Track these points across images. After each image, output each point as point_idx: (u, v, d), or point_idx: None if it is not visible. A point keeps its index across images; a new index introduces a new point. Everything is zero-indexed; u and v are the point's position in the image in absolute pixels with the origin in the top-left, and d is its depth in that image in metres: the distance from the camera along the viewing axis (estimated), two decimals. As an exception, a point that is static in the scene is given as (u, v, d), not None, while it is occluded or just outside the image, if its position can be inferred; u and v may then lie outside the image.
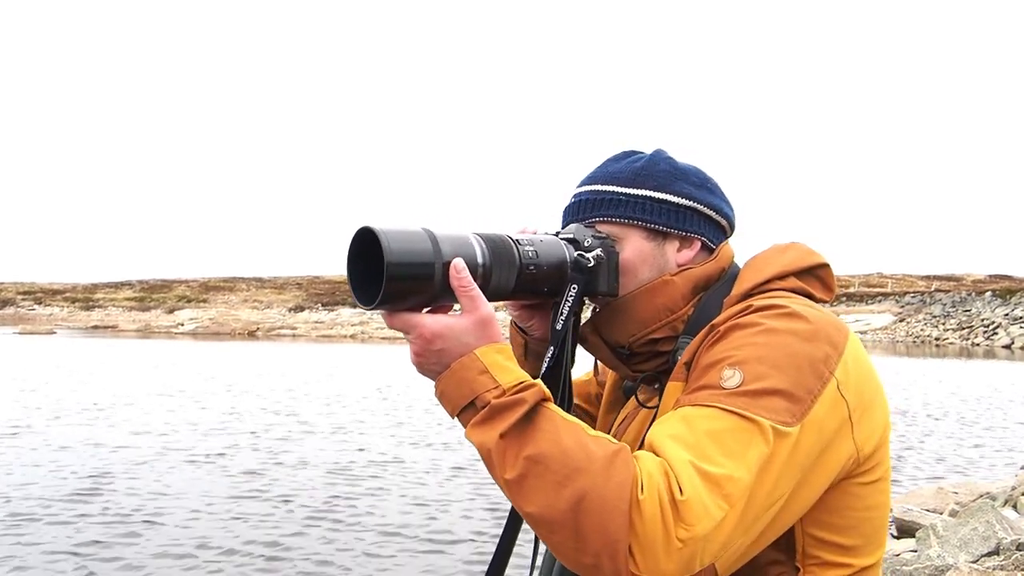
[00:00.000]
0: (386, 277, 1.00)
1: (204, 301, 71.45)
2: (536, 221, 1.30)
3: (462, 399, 1.04)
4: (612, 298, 1.27)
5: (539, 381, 1.05)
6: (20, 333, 44.06)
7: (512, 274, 1.15)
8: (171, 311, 67.89)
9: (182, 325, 56.68)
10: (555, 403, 1.17)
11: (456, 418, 1.06)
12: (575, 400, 1.56)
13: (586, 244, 1.24)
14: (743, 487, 0.96)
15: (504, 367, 1.04)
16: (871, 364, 1.16)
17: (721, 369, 1.06)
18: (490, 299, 1.13)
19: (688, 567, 0.93)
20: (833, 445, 1.05)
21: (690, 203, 1.29)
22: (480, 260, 1.11)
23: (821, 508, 1.09)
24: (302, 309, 65.09)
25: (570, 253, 1.23)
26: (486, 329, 1.06)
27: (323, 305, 65.16)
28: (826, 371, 1.05)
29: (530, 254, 1.18)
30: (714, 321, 1.16)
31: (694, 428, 1.01)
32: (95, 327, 57.59)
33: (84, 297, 76.74)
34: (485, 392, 1.02)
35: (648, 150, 1.36)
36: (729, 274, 1.28)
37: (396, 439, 10.85)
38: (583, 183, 1.35)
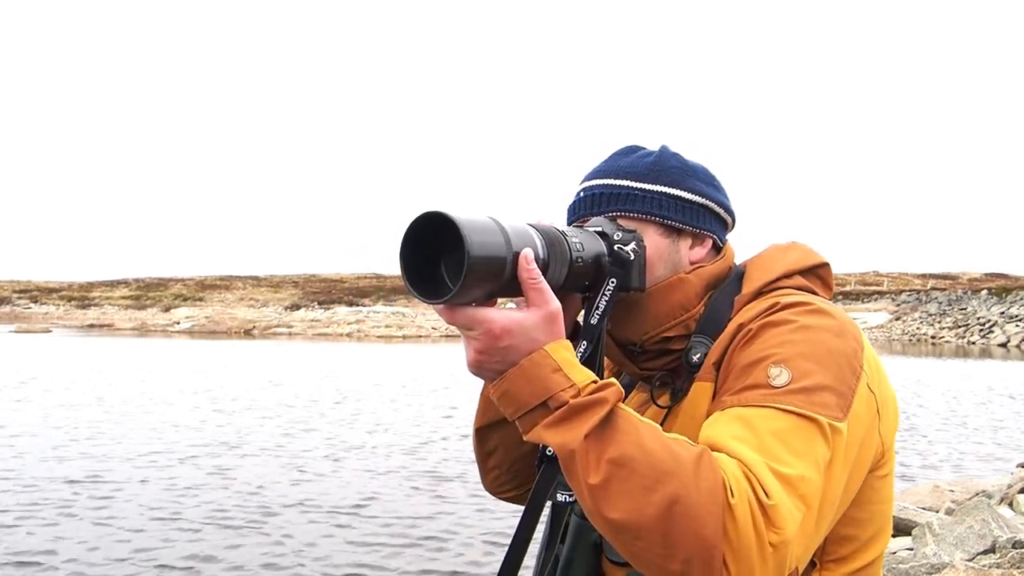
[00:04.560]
0: (467, 270, 0.92)
1: (200, 299, 71.30)
2: (549, 215, 1.24)
3: (534, 398, 0.98)
4: (640, 292, 1.23)
5: (615, 380, 1.01)
6: (16, 332, 43.95)
7: (564, 268, 1.10)
8: (167, 309, 67.76)
9: (178, 324, 56.61)
10: None
11: (518, 420, 1.01)
12: None
13: (617, 237, 1.19)
14: (816, 486, 0.95)
15: (576, 365, 1.00)
16: (880, 362, 1.17)
17: (767, 368, 1.05)
18: None
19: (780, 572, 0.91)
20: (867, 439, 1.07)
21: (702, 200, 1.28)
22: (541, 253, 1.05)
23: (849, 501, 1.10)
24: (298, 307, 65.00)
25: (607, 246, 1.18)
26: (555, 325, 1.01)
27: (319, 304, 65.08)
28: (858, 366, 1.07)
29: (578, 247, 1.13)
30: (741, 320, 1.16)
31: (756, 429, 0.98)
32: (91, 325, 57.51)
33: (80, 295, 76.53)
34: (560, 391, 0.97)
35: (652, 146, 1.34)
36: (735, 273, 1.28)
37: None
38: (592, 176, 1.32)
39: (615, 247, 1.17)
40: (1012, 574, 3.88)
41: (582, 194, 1.32)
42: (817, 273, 1.26)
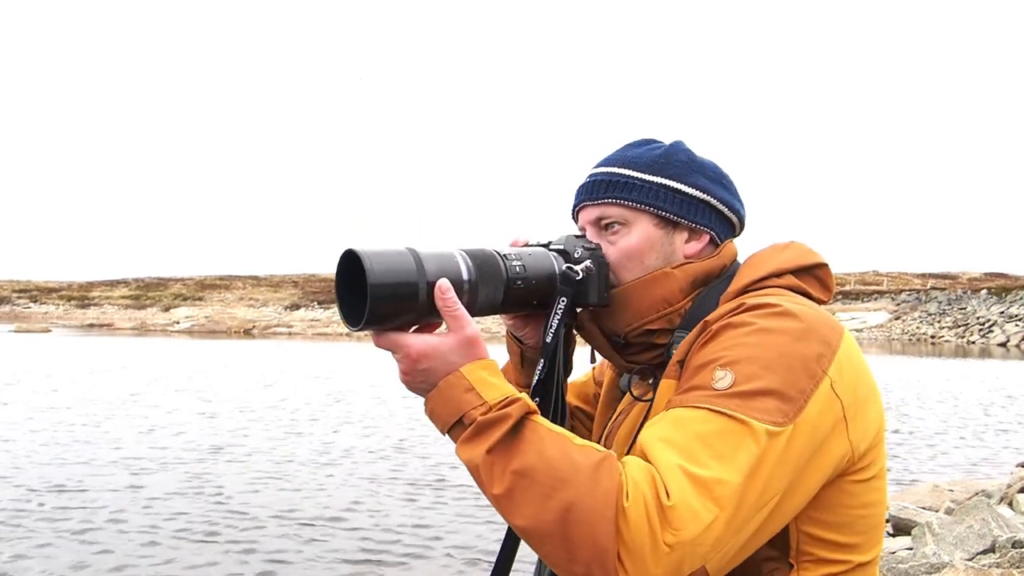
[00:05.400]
0: (370, 298, 1.01)
1: (200, 299, 71.27)
2: (527, 232, 1.31)
3: (450, 417, 1.05)
4: (604, 308, 1.27)
5: (524, 395, 1.05)
6: (16, 331, 43.95)
7: (499, 289, 1.16)
8: (167, 309, 67.74)
9: (178, 323, 56.60)
10: (549, 414, 1.19)
11: (447, 435, 1.07)
12: (575, 402, 1.57)
13: (576, 256, 1.24)
14: (732, 490, 0.96)
15: (490, 383, 1.05)
16: (865, 362, 1.15)
17: (713, 370, 1.06)
18: (478, 314, 1.15)
19: (677, 571, 0.94)
20: (828, 444, 1.05)
21: (704, 196, 1.29)
22: (466, 277, 1.11)
23: (815, 506, 1.09)
24: (298, 307, 64.98)
25: (559, 266, 1.23)
26: (471, 348, 1.07)
27: (319, 303, 65.05)
28: (819, 370, 1.05)
29: (517, 269, 1.18)
30: (707, 318, 1.16)
31: (685, 430, 1.01)
32: (91, 325, 57.50)
33: (80, 295, 76.48)
34: (471, 409, 1.03)
35: (667, 140, 1.36)
36: (730, 271, 1.28)
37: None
38: (600, 164, 1.34)
39: (565, 267, 1.22)
40: (1012, 573, 3.88)
41: (587, 179, 1.34)
42: (814, 274, 1.25)
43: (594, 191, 1.31)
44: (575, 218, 1.37)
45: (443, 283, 1.07)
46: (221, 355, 27.70)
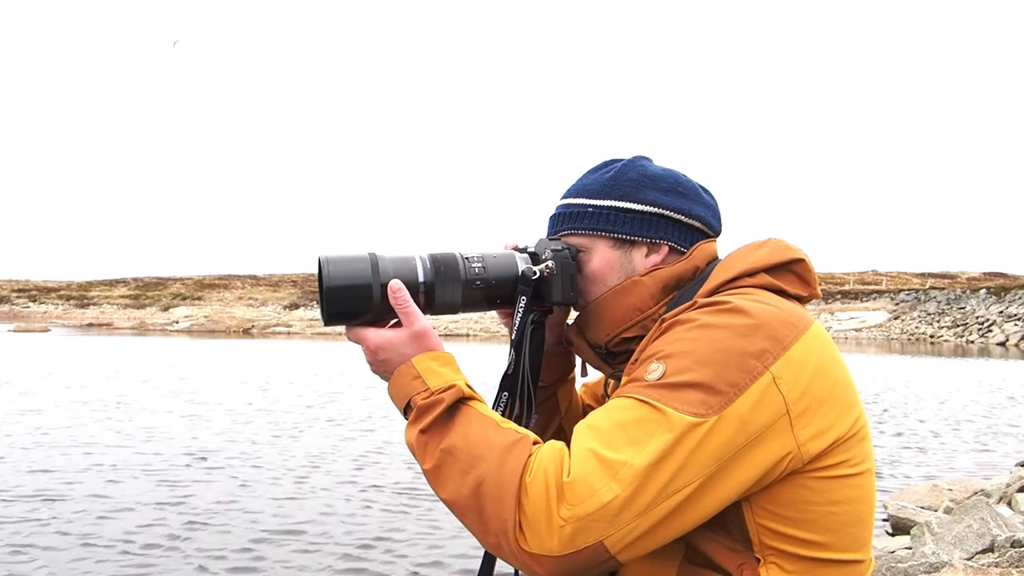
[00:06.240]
0: (325, 299, 1.19)
1: (199, 299, 71.24)
2: (520, 237, 1.40)
3: (401, 401, 1.19)
4: (573, 305, 1.34)
5: (460, 382, 1.17)
6: (15, 331, 43.94)
7: (457, 289, 1.26)
8: (166, 309, 67.72)
9: (177, 323, 56.58)
10: (513, 408, 1.30)
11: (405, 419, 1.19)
12: (587, 401, 1.61)
13: (543, 257, 1.31)
14: (636, 472, 1.01)
15: (436, 372, 1.18)
16: (836, 361, 1.15)
17: (649, 363, 1.11)
18: (438, 312, 1.28)
19: (572, 543, 1.01)
20: (764, 439, 1.06)
21: (655, 209, 1.32)
22: (421, 279, 1.24)
23: (771, 500, 1.10)
24: (297, 307, 65.02)
25: (522, 267, 1.31)
26: (422, 340, 1.21)
27: (318, 303, 64.96)
28: (759, 365, 1.07)
29: (476, 270, 1.28)
30: (664, 315, 1.19)
31: (609, 417, 1.07)
32: (90, 325, 57.47)
33: (79, 295, 76.43)
34: (415, 395, 1.16)
35: (628, 157, 1.39)
36: (704, 273, 1.29)
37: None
38: (563, 196, 1.40)
39: (523, 268, 1.31)
40: (1011, 573, 3.87)
41: (553, 213, 1.41)
42: (791, 270, 1.24)
43: (555, 224, 1.39)
44: None
45: (394, 284, 1.21)
46: (218, 355, 27.63)
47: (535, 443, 1.09)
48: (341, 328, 1.26)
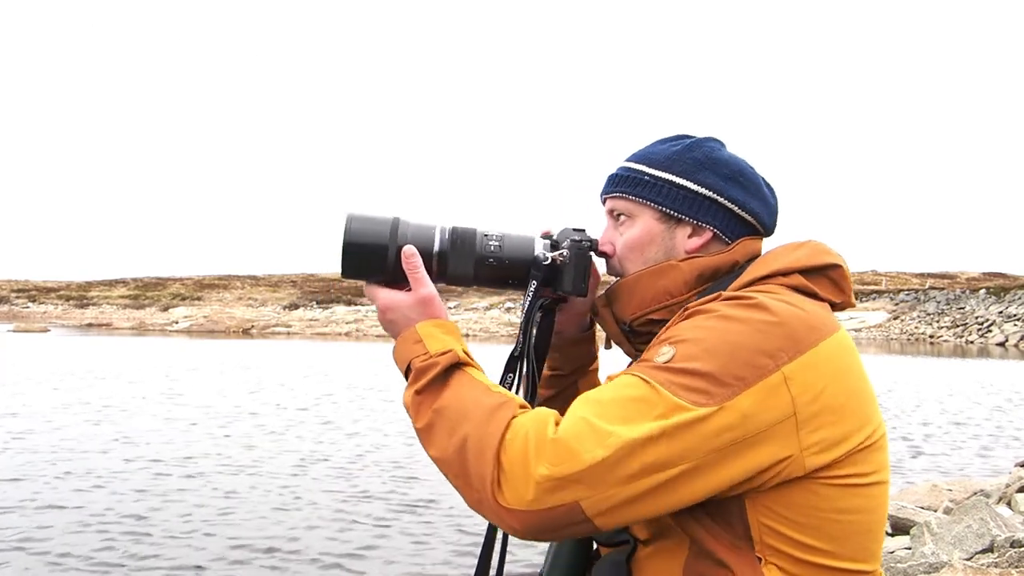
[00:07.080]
0: (342, 252, 1.23)
1: (199, 299, 71.24)
2: (558, 224, 1.39)
3: (402, 364, 1.22)
4: (581, 298, 1.34)
5: (458, 348, 1.19)
6: (14, 331, 43.91)
7: (469, 263, 1.29)
8: (165, 309, 67.68)
9: (176, 323, 56.52)
10: (517, 387, 1.35)
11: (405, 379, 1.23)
12: None
13: (562, 245, 1.32)
14: (623, 442, 1.02)
15: (437, 338, 1.21)
16: (854, 371, 1.13)
17: (663, 345, 1.13)
18: (450, 283, 1.31)
19: (548, 499, 1.02)
20: (764, 438, 1.05)
21: (710, 193, 1.30)
22: (437, 248, 1.28)
23: (775, 500, 1.09)
24: (297, 307, 64.98)
25: (538, 250, 1.32)
26: (427, 307, 1.24)
27: (318, 303, 65.05)
28: (770, 363, 1.06)
29: (492, 248, 1.30)
30: (690, 304, 1.19)
31: (612, 391, 1.09)
32: (89, 325, 57.41)
33: (78, 295, 76.42)
34: (415, 358, 1.19)
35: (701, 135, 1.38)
36: (741, 268, 1.27)
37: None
38: (626, 159, 1.39)
39: (538, 253, 1.32)
40: (1010, 573, 3.87)
41: (611, 172, 1.40)
42: (826, 275, 1.22)
43: (609, 185, 1.38)
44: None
45: (407, 249, 1.25)
46: (216, 356, 27.55)
47: (522, 407, 1.12)
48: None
